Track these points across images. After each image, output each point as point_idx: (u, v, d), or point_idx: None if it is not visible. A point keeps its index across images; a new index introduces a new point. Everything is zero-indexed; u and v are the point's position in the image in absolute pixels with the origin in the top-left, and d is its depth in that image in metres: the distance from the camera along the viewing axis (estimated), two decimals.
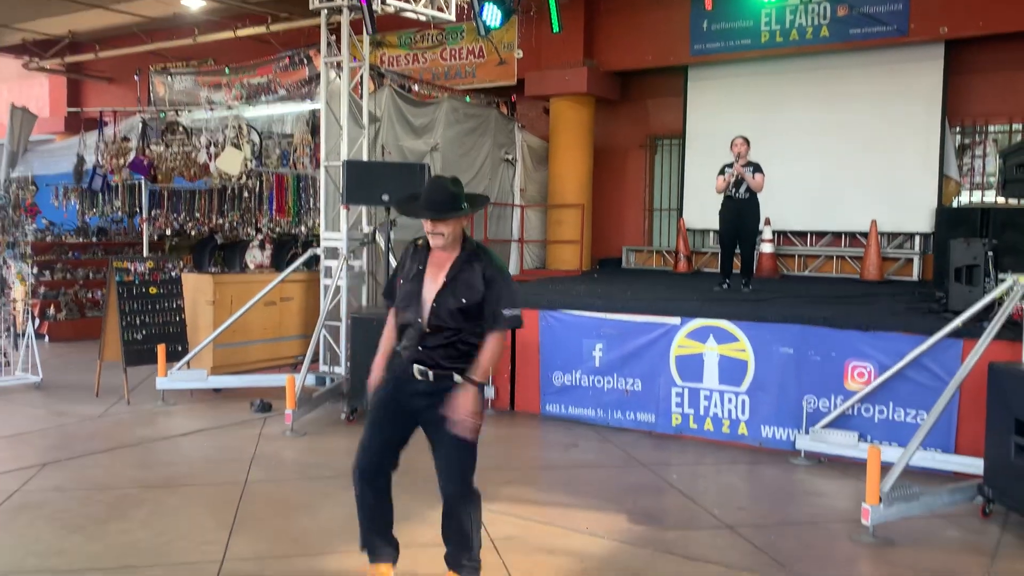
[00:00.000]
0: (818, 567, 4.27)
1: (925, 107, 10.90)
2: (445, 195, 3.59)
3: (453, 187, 3.63)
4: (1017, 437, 4.65)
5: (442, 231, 3.59)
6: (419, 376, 3.64)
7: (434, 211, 3.57)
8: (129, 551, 4.30)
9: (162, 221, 10.73)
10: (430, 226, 3.60)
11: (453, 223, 3.60)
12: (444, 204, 3.58)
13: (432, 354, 3.62)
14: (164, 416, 7.36)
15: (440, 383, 3.62)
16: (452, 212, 3.57)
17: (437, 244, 3.63)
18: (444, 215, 3.57)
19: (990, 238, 7.60)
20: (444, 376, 3.62)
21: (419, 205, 3.63)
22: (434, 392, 3.63)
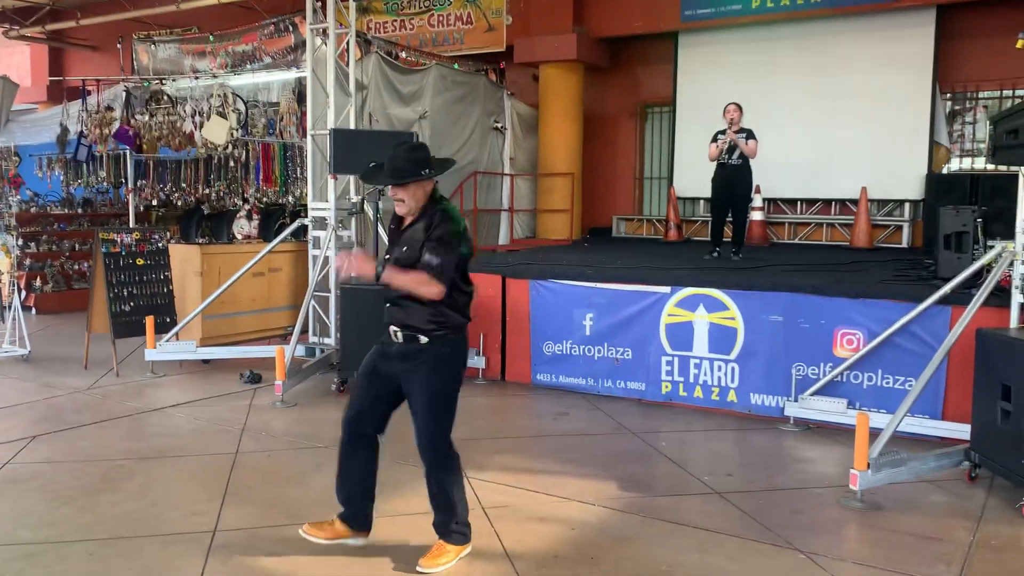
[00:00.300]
0: (806, 532, 4.31)
1: (916, 73, 10.84)
2: (402, 161, 3.69)
3: (413, 153, 3.73)
4: (1003, 402, 4.68)
5: (402, 197, 3.71)
6: (392, 337, 3.80)
7: (392, 177, 3.69)
8: (120, 522, 4.30)
9: (148, 192, 10.63)
10: (392, 193, 3.74)
11: (413, 188, 3.70)
12: (402, 170, 3.67)
13: (396, 312, 3.77)
14: (153, 388, 7.35)
15: (408, 344, 3.75)
16: (409, 177, 3.66)
17: (400, 210, 3.77)
18: (401, 180, 3.67)
19: (979, 205, 7.61)
20: (410, 337, 3.74)
21: (382, 172, 3.76)
22: (404, 355, 3.77)
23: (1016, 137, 4.77)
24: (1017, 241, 5.19)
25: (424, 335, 3.72)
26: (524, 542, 4.12)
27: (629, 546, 4.10)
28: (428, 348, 3.73)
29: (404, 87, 10.08)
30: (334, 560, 3.88)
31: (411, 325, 3.73)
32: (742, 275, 6.89)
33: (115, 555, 3.91)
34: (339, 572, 3.77)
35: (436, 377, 3.77)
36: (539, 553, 4.00)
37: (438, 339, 3.73)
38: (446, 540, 3.86)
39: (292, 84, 9.91)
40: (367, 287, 7.20)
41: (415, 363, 3.74)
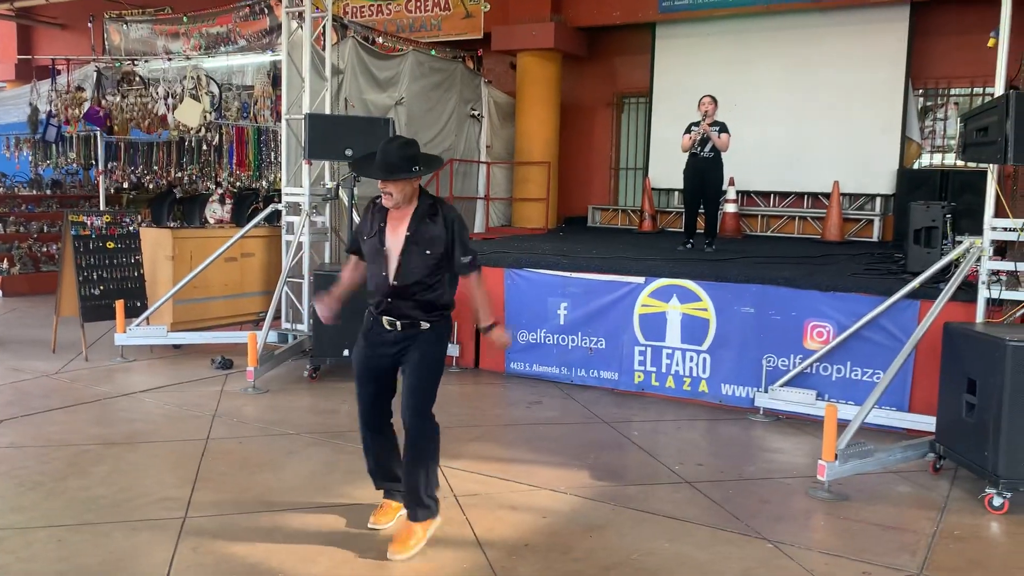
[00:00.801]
0: (774, 521, 4.36)
1: (889, 69, 10.95)
2: (395, 157, 3.73)
3: (405, 149, 3.77)
4: (968, 395, 4.77)
5: (391, 191, 3.77)
6: (388, 327, 3.88)
7: (384, 172, 3.73)
8: (89, 507, 4.26)
9: (119, 174, 10.48)
10: (381, 185, 3.78)
11: (403, 183, 3.76)
12: (394, 166, 3.72)
13: (400, 305, 3.83)
14: (123, 372, 7.27)
15: (407, 331, 3.87)
16: (401, 174, 3.72)
17: (387, 203, 3.81)
18: (393, 176, 3.72)
19: (949, 201, 7.72)
20: (410, 325, 3.86)
21: (373, 165, 3.79)
22: (402, 340, 3.88)
23: (985, 134, 4.84)
24: (985, 237, 5.28)
25: (426, 322, 3.88)
26: (496, 530, 4.14)
27: (600, 534, 4.14)
28: (429, 330, 3.90)
29: (381, 72, 10.01)
30: (306, 548, 3.88)
31: (409, 315, 3.85)
32: (715, 266, 6.94)
33: (83, 541, 3.88)
34: (311, 558, 3.76)
35: (429, 350, 3.91)
36: (510, 541, 4.02)
37: (436, 323, 3.92)
38: (413, 519, 3.90)
39: (267, 67, 9.79)
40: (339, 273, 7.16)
41: (415, 338, 3.88)
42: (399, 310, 3.84)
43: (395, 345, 3.89)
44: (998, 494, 4.54)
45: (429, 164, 3.93)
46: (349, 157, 7.24)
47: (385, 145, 3.80)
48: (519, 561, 3.81)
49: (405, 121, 10.24)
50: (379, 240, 3.85)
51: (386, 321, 3.87)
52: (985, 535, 4.32)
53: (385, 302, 3.85)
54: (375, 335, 3.93)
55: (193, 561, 3.71)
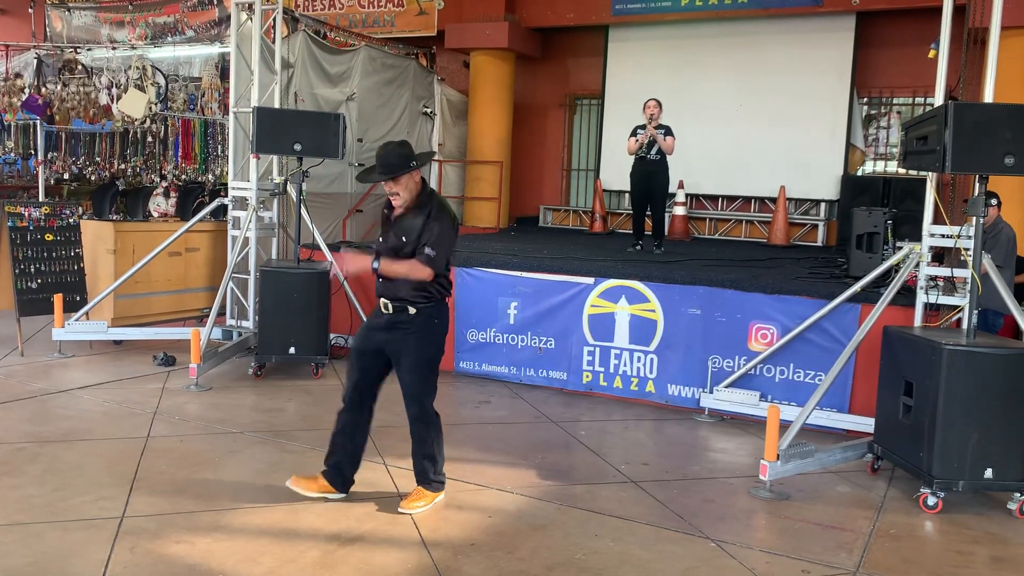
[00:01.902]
0: (717, 520, 4.42)
1: (835, 77, 11.19)
2: (393, 157, 4.10)
3: (400, 149, 4.15)
4: (905, 398, 4.89)
5: (396, 190, 4.13)
6: (383, 310, 4.25)
7: (384, 172, 4.09)
8: (20, 507, 4.13)
9: (59, 164, 10.18)
10: (387, 188, 4.15)
11: (404, 180, 4.11)
12: (392, 165, 4.08)
13: (388, 286, 4.19)
14: (61, 368, 7.07)
15: (397, 315, 4.20)
16: (400, 170, 4.08)
17: (396, 202, 4.18)
18: (393, 174, 4.07)
19: (891, 207, 7.92)
20: (400, 308, 4.19)
21: (375, 171, 4.17)
22: (392, 325, 4.22)
23: (925, 143, 4.96)
24: (924, 243, 5.41)
25: (412, 305, 4.16)
26: (441, 530, 4.12)
27: (545, 534, 4.14)
28: (417, 317, 4.18)
29: (332, 67, 9.91)
30: (249, 547, 3.81)
31: (400, 297, 4.16)
32: (663, 268, 7.01)
33: (13, 541, 3.76)
34: (254, 558, 3.70)
35: (423, 343, 4.23)
36: (456, 541, 4.01)
37: (425, 309, 4.19)
38: (425, 487, 4.36)
39: (215, 59, 9.62)
40: (287, 269, 7.08)
41: (405, 331, 4.20)
42: (389, 291, 4.19)
43: (387, 331, 4.23)
44: (932, 494, 4.66)
45: (423, 158, 4.29)
46: (298, 152, 7.15)
47: (382, 149, 4.16)
48: (464, 560, 3.80)
49: (356, 117, 10.14)
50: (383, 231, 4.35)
51: (382, 303, 4.23)
52: (919, 534, 4.43)
53: (378, 283, 4.23)
54: (374, 317, 4.35)
55: (130, 561, 3.62)
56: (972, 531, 4.46)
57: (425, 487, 4.37)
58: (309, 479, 4.42)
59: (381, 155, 4.14)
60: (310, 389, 6.76)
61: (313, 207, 8.42)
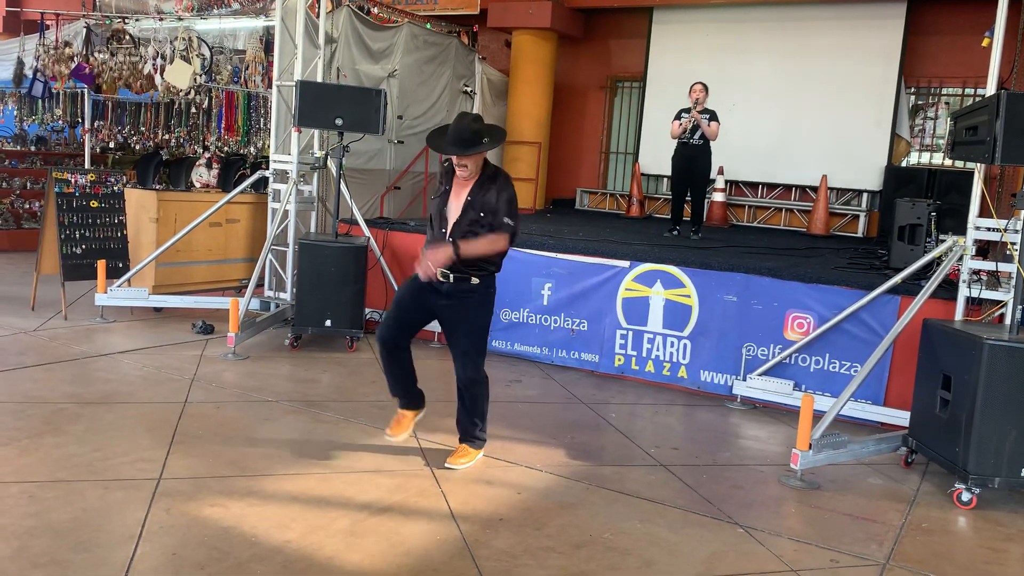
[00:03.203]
0: (746, 507, 4.41)
1: (883, 66, 10.98)
2: (468, 133, 4.18)
3: (475, 124, 4.21)
4: (943, 391, 4.82)
5: (466, 164, 4.23)
6: (442, 279, 4.30)
7: (459, 147, 4.18)
8: (62, 465, 4.25)
9: (105, 133, 10.35)
10: (456, 159, 4.22)
11: (476, 156, 4.24)
12: (467, 142, 4.17)
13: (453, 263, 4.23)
14: (103, 333, 7.22)
15: (458, 284, 4.32)
16: (474, 148, 4.19)
17: (463, 174, 4.28)
18: (469, 151, 4.18)
19: (935, 199, 7.78)
20: (462, 278, 4.31)
21: (446, 142, 4.23)
22: (453, 293, 4.34)
23: (975, 134, 4.86)
24: (968, 236, 5.32)
25: (476, 276, 4.32)
26: (470, 504, 4.16)
27: (573, 512, 4.16)
28: (479, 287, 4.35)
29: (374, 43, 9.92)
30: (280, 513, 3.88)
31: (461, 269, 4.27)
32: (700, 254, 6.96)
33: (55, 498, 3.86)
34: (285, 524, 3.77)
35: (482, 311, 4.45)
36: (484, 515, 4.04)
37: (485, 279, 4.37)
38: (469, 445, 4.64)
39: (260, 32, 9.68)
40: (325, 243, 7.14)
41: (466, 300, 4.35)
42: (452, 266, 4.24)
43: (445, 297, 4.35)
44: (967, 489, 4.60)
45: (495, 136, 4.37)
46: (339, 126, 7.19)
47: (458, 122, 4.22)
48: (492, 535, 3.83)
49: (397, 94, 10.17)
50: (443, 201, 4.36)
51: (440, 273, 4.26)
52: (952, 529, 4.38)
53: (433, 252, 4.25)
54: (418, 283, 4.35)
55: (166, 522, 3.71)
56: (1007, 529, 4.40)
57: (470, 444, 4.65)
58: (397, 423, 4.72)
59: (456, 128, 4.21)
60: (344, 362, 6.83)
61: (352, 182, 8.48)
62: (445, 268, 4.26)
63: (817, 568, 3.74)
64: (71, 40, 10.43)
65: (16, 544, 3.40)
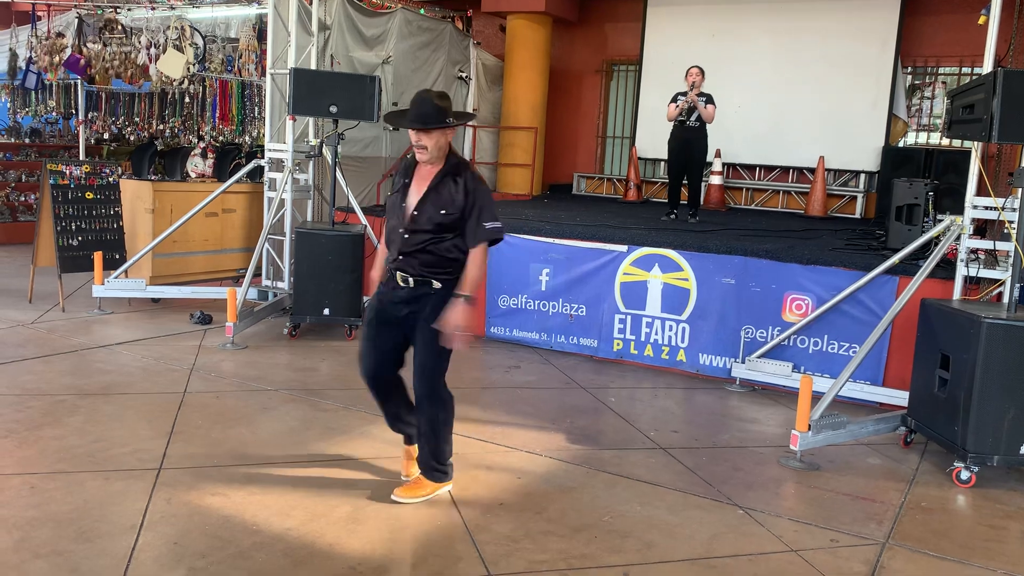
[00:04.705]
0: (746, 488, 4.42)
1: (879, 46, 10.93)
2: (429, 107, 3.74)
3: (439, 101, 3.77)
4: (941, 371, 4.83)
5: (425, 144, 3.77)
6: (401, 283, 3.87)
7: (418, 122, 3.74)
8: (62, 456, 4.25)
9: (99, 124, 10.32)
10: (415, 137, 3.78)
11: (436, 135, 3.77)
12: (428, 116, 3.74)
13: (411, 261, 3.83)
14: (100, 324, 7.22)
15: (418, 289, 3.86)
16: (435, 123, 3.73)
17: (422, 157, 3.82)
18: (427, 126, 3.73)
19: (932, 179, 7.77)
20: (422, 283, 3.85)
21: (407, 118, 3.80)
22: (412, 299, 3.88)
23: (971, 112, 4.84)
24: (966, 216, 5.31)
25: (438, 280, 3.85)
26: (470, 489, 4.17)
27: (574, 496, 4.17)
28: (440, 290, 3.85)
29: (368, 30, 9.88)
30: (281, 502, 3.89)
31: (421, 272, 3.83)
32: (698, 237, 6.95)
33: (56, 488, 3.87)
34: (286, 512, 3.77)
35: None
36: (485, 500, 4.05)
37: (449, 282, 3.85)
38: (426, 477, 4.03)
39: (252, 20, 9.63)
40: (322, 232, 7.13)
41: (425, 303, 3.85)
42: (411, 266, 3.84)
43: (406, 305, 3.88)
44: (966, 468, 4.61)
45: (461, 117, 3.99)
46: (334, 113, 7.16)
47: (419, 96, 3.83)
48: (493, 520, 3.84)
49: (392, 80, 10.12)
50: (401, 195, 3.90)
51: (399, 277, 3.86)
52: (951, 507, 4.40)
53: (397, 259, 3.86)
54: (388, 292, 3.93)
55: (167, 511, 3.71)
56: (1005, 506, 4.41)
57: (427, 476, 4.02)
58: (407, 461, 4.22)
59: (417, 102, 3.78)
60: (343, 350, 6.83)
61: (348, 170, 8.46)
62: (404, 272, 3.84)
63: (817, 548, 3.76)
64: (63, 31, 10.38)
65: (18, 535, 3.40)
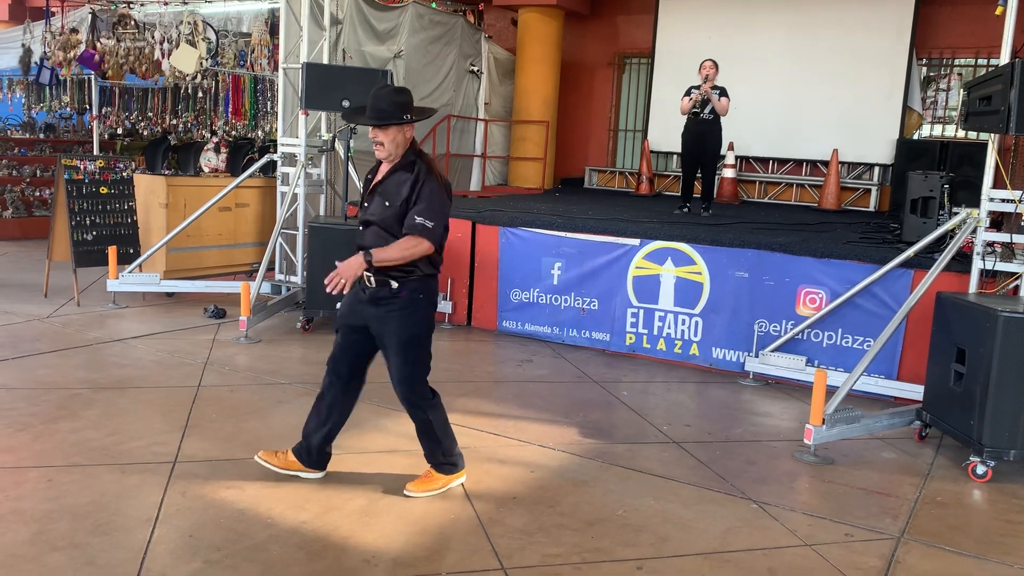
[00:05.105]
0: (759, 483, 4.41)
1: (894, 38, 10.85)
2: (385, 103, 3.65)
3: (395, 96, 3.68)
4: (957, 365, 4.79)
5: (382, 140, 3.68)
6: (366, 283, 3.77)
7: (373, 118, 3.66)
8: (78, 450, 4.28)
9: (113, 119, 10.38)
10: (371, 134, 3.70)
11: (393, 131, 3.67)
12: (384, 112, 3.65)
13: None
14: (115, 318, 7.26)
15: (379, 290, 3.75)
16: (389, 120, 3.64)
17: (380, 154, 3.74)
18: (382, 122, 3.65)
19: (948, 171, 7.70)
20: (381, 282, 3.73)
21: (364, 114, 3.73)
22: (377, 300, 3.77)
23: (988, 104, 4.80)
24: (982, 207, 5.27)
25: (395, 280, 3.72)
26: (484, 483, 4.17)
27: (587, 490, 4.17)
28: (399, 292, 3.74)
29: (380, 24, 9.88)
30: (295, 494, 3.90)
31: (382, 270, 3.70)
32: (711, 231, 6.92)
33: (72, 481, 3.89)
34: (300, 505, 3.79)
35: (408, 322, 3.77)
36: (498, 494, 4.06)
37: (409, 283, 3.74)
38: (436, 469, 4.01)
39: (264, 15, 9.65)
40: (334, 226, 7.14)
41: (388, 308, 3.75)
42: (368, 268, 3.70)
43: (373, 306, 3.77)
44: (982, 462, 4.58)
45: (420, 113, 3.82)
46: (346, 108, 7.17)
47: (376, 92, 3.71)
48: (506, 513, 3.84)
49: (403, 75, 10.12)
50: (366, 193, 3.86)
51: (364, 275, 3.74)
52: (967, 502, 4.37)
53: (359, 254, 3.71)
54: (357, 291, 3.85)
55: (182, 504, 3.73)
56: (1022, 501, 4.38)
57: (436, 469, 4.01)
58: (275, 453, 4.11)
59: (374, 98, 3.66)
60: None
61: (360, 164, 8.46)
62: (367, 271, 3.69)
63: (831, 542, 3.74)
64: (77, 26, 10.43)
65: (35, 527, 3.43)
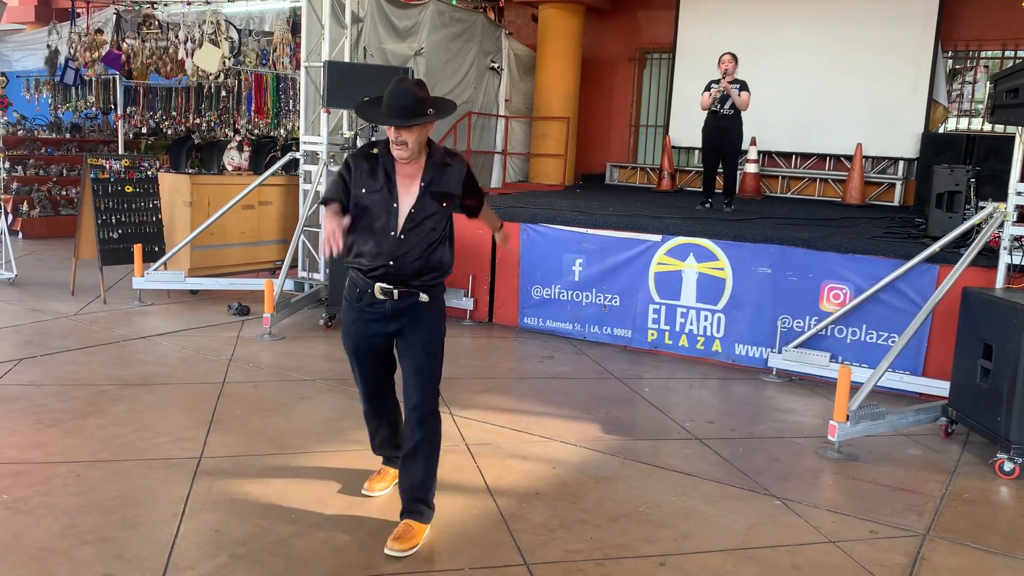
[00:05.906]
0: (783, 479, 4.38)
1: (919, 30, 10.72)
2: (409, 99, 3.26)
3: (418, 90, 3.30)
4: (984, 361, 4.74)
5: (406, 140, 3.29)
6: (381, 296, 3.41)
7: (398, 117, 3.25)
8: (106, 445, 4.34)
9: (137, 119, 10.49)
10: (394, 134, 3.29)
11: (418, 130, 3.31)
12: (409, 110, 3.25)
13: (403, 267, 3.38)
14: (141, 316, 7.34)
15: (404, 301, 3.43)
16: (417, 118, 3.27)
17: (402, 155, 3.34)
18: (408, 121, 3.26)
19: (974, 165, 7.61)
20: (410, 294, 3.42)
21: (382, 111, 3.32)
22: (401, 312, 3.45)
23: (1016, 96, 4.74)
24: (1009, 202, 5.20)
25: (426, 293, 3.45)
26: (506, 479, 4.18)
27: (609, 486, 4.17)
28: (428, 303, 3.48)
29: (400, 21, 9.90)
30: (319, 490, 3.94)
31: (411, 283, 3.41)
32: (733, 226, 6.89)
33: (100, 477, 3.95)
34: (323, 500, 3.82)
35: (435, 323, 3.54)
36: (520, 490, 4.07)
37: (434, 292, 3.51)
38: (417, 519, 3.48)
39: (287, 14, 9.71)
40: None
41: (414, 315, 3.47)
42: (401, 274, 3.38)
43: (390, 322, 3.46)
44: (1009, 459, 4.53)
45: (441, 108, 3.43)
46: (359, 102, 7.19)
47: (396, 87, 3.30)
48: (528, 509, 3.85)
49: (424, 72, 10.13)
50: (389, 193, 3.38)
51: (380, 290, 3.39)
52: (994, 499, 4.33)
53: (385, 265, 3.37)
54: (366, 308, 3.48)
55: (208, 500, 3.78)
56: None
57: (417, 518, 3.47)
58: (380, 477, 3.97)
59: (395, 94, 3.27)
60: None
61: None
62: (389, 283, 3.38)
63: (856, 539, 3.72)
64: (102, 27, 10.55)
65: (65, 521, 3.48)
